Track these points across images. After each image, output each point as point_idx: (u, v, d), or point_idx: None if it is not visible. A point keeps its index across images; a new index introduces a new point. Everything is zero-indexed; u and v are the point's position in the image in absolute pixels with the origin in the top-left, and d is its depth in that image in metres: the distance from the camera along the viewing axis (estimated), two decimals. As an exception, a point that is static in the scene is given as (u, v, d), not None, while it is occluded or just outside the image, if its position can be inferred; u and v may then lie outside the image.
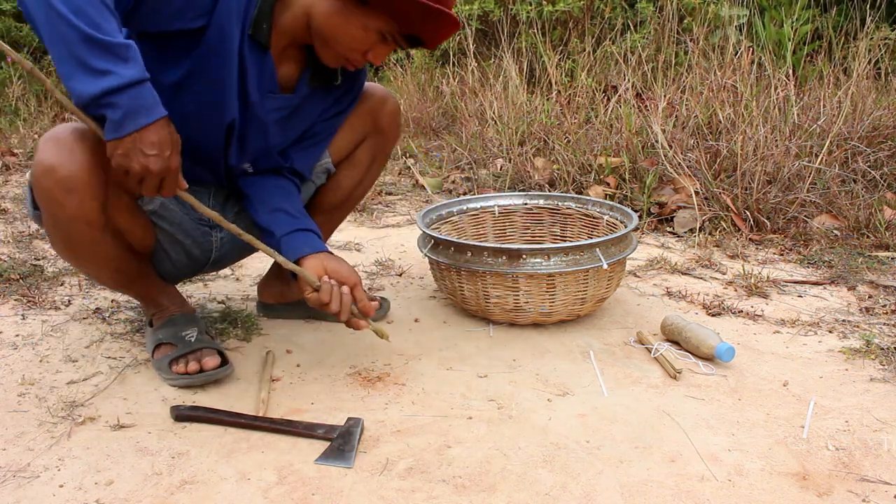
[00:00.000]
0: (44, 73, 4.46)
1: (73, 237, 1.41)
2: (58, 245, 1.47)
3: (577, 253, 1.71)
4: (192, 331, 1.57)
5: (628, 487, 1.19)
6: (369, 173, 1.76)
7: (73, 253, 1.47)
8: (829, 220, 2.48)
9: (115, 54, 1.17)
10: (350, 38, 1.39)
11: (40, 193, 1.34)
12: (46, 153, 1.31)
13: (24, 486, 1.19)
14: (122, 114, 1.19)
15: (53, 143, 1.32)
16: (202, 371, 1.50)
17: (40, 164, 1.32)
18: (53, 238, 1.45)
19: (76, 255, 1.48)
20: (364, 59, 1.43)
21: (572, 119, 3.28)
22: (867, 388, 1.50)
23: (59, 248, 1.48)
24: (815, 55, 3.59)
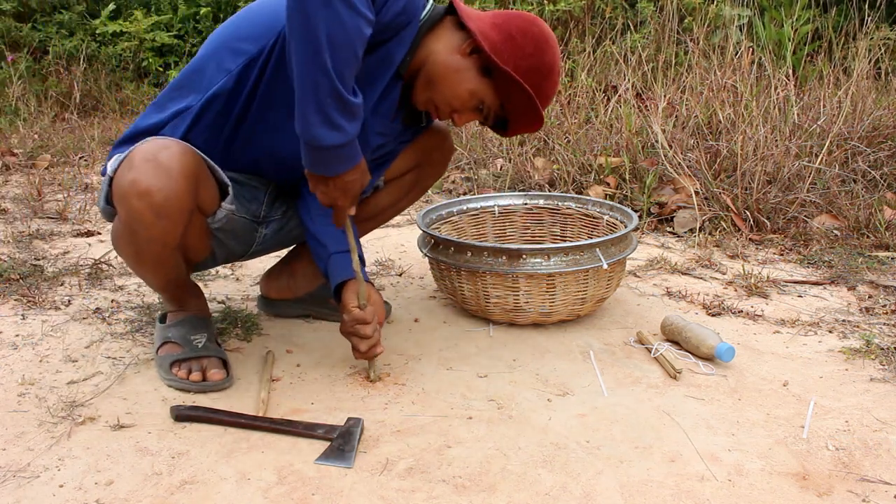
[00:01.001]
0: (44, 72, 4.41)
1: (145, 252, 1.44)
2: (124, 250, 1.49)
3: (577, 253, 1.71)
4: (202, 336, 1.56)
5: (628, 487, 1.19)
6: (407, 197, 1.83)
7: (137, 261, 1.50)
8: (829, 220, 2.48)
9: (351, 113, 1.28)
10: (454, 95, 1.46)
11: (128, 211, 1.34)
12: (144, 173, 1.31)
13: (24, 486, 1.19)
14: (337, 158, 1.31)
15: (154, 164, 1.31)
16: (205, 381, 1.49)
17: (136, 184, 1.31)
18: (123, 243, 1.47)
19: (139, 264, 1.51)
20: (450, 116, 1.50)
21: (572, 119, 3.28)
22: (867, 388, 1.50)
23: (125, 253, 1.50)
24: (815, 55, 3.59)
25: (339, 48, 1.22)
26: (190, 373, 1.50)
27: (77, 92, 4.65)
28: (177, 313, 1.61)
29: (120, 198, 1.35)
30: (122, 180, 1.33)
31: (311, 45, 1.20)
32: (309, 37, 1.20)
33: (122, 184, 1.33)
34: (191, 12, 5.44)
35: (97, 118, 4.56)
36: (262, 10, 1.47)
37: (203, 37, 5.42)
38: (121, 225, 1.42)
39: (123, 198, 1.34)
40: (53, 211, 2.74)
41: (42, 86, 4.75)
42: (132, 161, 1.33)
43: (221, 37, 1.50)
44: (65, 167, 3.49)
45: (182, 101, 1.49)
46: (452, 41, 1.46)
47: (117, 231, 1.47)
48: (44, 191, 3.00)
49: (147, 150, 1.33)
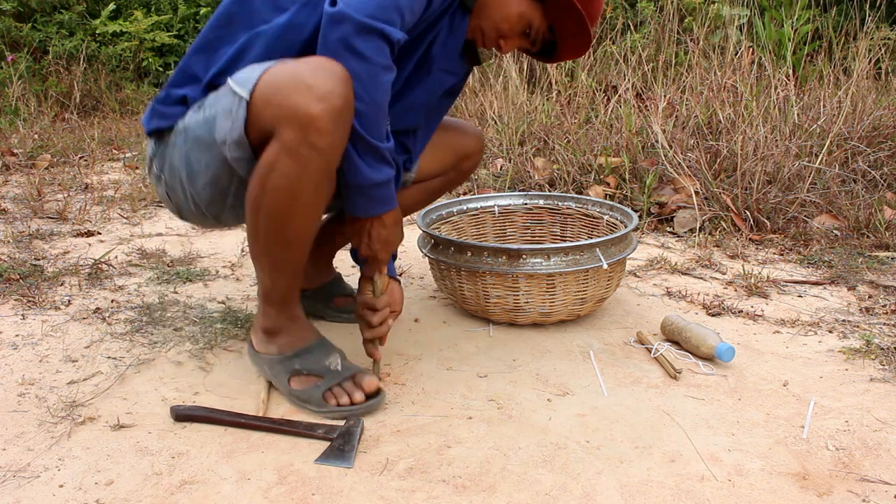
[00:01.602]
0: (44, 72, 4.42)
1: (308, 183, 1.29)
2: (276, 191, 1.29)
3: (577, 253, 1.71)
4: (336, 358, 1.45)
5: (628, 487, 1.19)
6: (429, 199, 1.85)
7: (292, 204, 1.31)
8: (829, 220, 2.48)
9: (383, 158, 1.35)
10: (503, 17, 1.47)
11: (301, 121, 1.22)
12: (321, 78, 1.22)
13: (24, 486, 1.19)
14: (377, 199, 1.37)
15: (327, 70, 1.23)
16: (369, 399, 1.41)
17: (314, 89, 1.21)
18: (277, 177, 1.27)
19: (294, 208, 1.32)
20: (497, 42, 1.50)
21: (572, 119, 3.28)
22: (867, 388, 1.50)
23: (277, 195, 1.29)
24: (815, 55, 3.59)
25: (364, 116, 1.30)
26: (349, 397, 1.40)
27: (77, 92, 4.65)
28: (292, 341, 1.46)
29: (287, 111, 1.22)
30: (291, 92, 1.22)
31: None
32: None
33: (293, 95, 1.22)
34: (191, 12, 5.44)
35: (97, 118, 4.56)
36: None
37: (203, 37, 5.42)
38: (278, 149, 1.25)
39: (294, 108, 1.21)
40: (53, 211, 2.74)
41: (42, 86, 4.75)
42: (297, 71, 1.23)
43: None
44: (65, 167, 3.49)
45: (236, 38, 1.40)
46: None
47: (265, 166, 1.28)
48: (44, 191, 3.00)
49: (310, 60, 1.25)
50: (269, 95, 1.24)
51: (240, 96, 1.27)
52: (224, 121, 1.30)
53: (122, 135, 4.21)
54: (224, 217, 1.48)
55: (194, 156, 1.37)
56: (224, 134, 1.30)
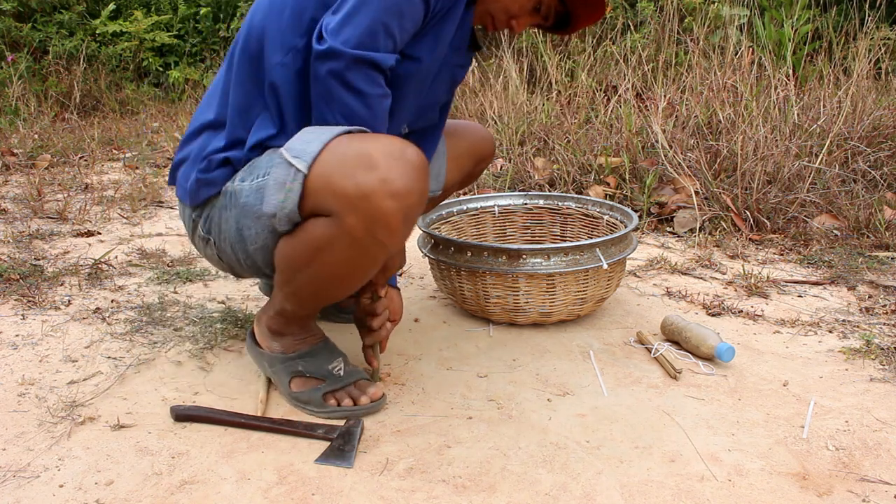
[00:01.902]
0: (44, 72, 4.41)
1: (361, 266, 1.28)
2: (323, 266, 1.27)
3: (577, 253, 1.71)
4: (339, 362, 1.44)
5: (628, 487, 1.19)
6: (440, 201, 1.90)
7: (337, 278, 1.31)
8: (829, 220, 2.48)
9: None
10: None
11: (369, 215, 1.17)
12: (397, 172, 1.17)
13: (24, 486, 1.19)
14: None
15: (404, 162, 1.18)
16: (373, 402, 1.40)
17: (388, 183, 1.16)
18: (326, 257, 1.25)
19: (337, 281, 1.32)
20: (508, 24, 1.46)
21: (572, 119, 3.28)
22: (867, 388, 1.50)
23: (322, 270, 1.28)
24: (815, 55, 3.59)
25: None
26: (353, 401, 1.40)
27: (77, 92, 4.65)
28: (297, 342, 1.45)
29: (355, 199, 1.17)
30: (360, 179, 1.16)
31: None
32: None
33: (363, 183, 1.16)
34: (191, 12, 5.44)
35: (97, 118, 4.56)
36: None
37: (203, 37, 5.42)
38: (336, 232, 1.21)
39: (364, 199, 1.16)
40: (53, 211, 2.74)
41: (42, 86, 4.75)
42: (372, 158, 1.17)
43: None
44: (65, 167, 3.49)
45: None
46: None
47: (318, 242, 1.24)
48: (44, 191, 3.00)
49: (388, 146, 1.19)
50: (331, 175, 1.19)
51: (296, 169, 1.21)
52: (275, 193, 1.24)
53: (122, 135, 4.21)
54: (268, 270, 1.43)
55: (244, 223, 1.32)
56: (274, 207, 1.24)
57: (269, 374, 1.49)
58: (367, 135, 1.25)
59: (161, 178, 3.27)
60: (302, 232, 1.26)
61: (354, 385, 1.43)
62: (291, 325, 1.45)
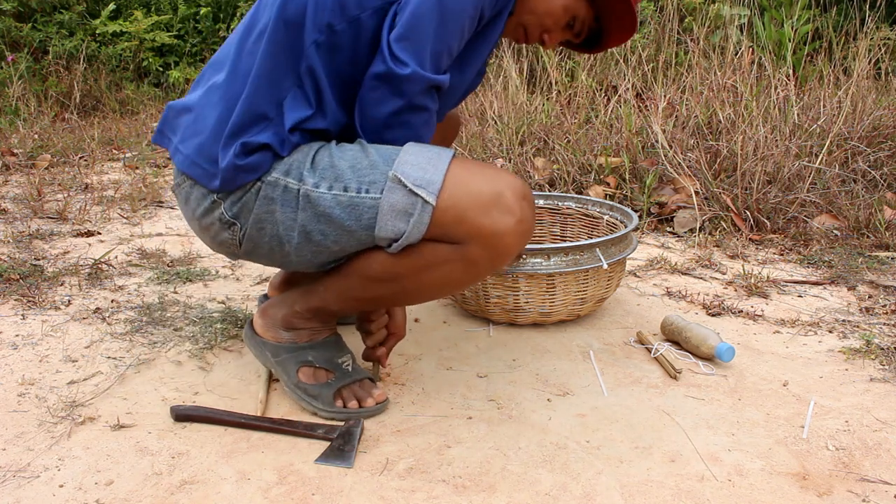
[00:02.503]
0: (44, 72, 4.40)
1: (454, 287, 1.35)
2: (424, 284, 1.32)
3: (577, 253, 1.71)
4: (347, 357, 1.45)
5: (628, 487, 1.19)
6: None
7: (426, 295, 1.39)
8: (829, 220, 2.48)
9: None
10: (547, 11, 1.43)
11: (497, 251, 1.26)
12: (528, 214, 1.27)
13: (24, 486, 1.19)
14: None
15: (529, 203, 1.27)
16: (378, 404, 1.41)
17: (523, 223, 1.26)
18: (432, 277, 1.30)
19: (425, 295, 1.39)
20: (540, 38, 1.47)
21: (572, 119, 3.28)
22: (867, 388, 1.50)
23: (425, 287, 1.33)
24: (815, 55, 3.59)
25: None
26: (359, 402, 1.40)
27: (77, 92, 4.65)
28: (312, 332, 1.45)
29: (489, 236, 1.24)
30: (497, 219, 1.23)
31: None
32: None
33: (500, 223, 1.23)
34: (191, 12, 5.44)
35: (97, 118, 4.56)
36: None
37: (203, 37, 5.43)
38: (457, 257, 1.27)
39: (499, 237, 1.24)
40: (53, 211, 2.74)
41: (42, 86, 4.75)
42: (506, 198, 1.24)
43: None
44: (65, 167, 3.49)
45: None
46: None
47: (431, 262, 1.28)
48: (44, 191, 3.00)
49: (518, 187, 1.26)
50: (465, 210, 1.23)
51: (423, 200, 1.23)
52: (395, 221, 1.24)
53: (122, 135, 4.21)
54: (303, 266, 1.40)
55: (318, 227, 1.29)
56: (394, 234, 1.25)
57: (271, 366, 1.45)
58: (485, 167, 1.31)
59: (161, 179, 3.27)
60: (415, 251, 1.28)
61: (360, 384, 1.42)
62: (314, 321, 1.44)
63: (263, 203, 1.30)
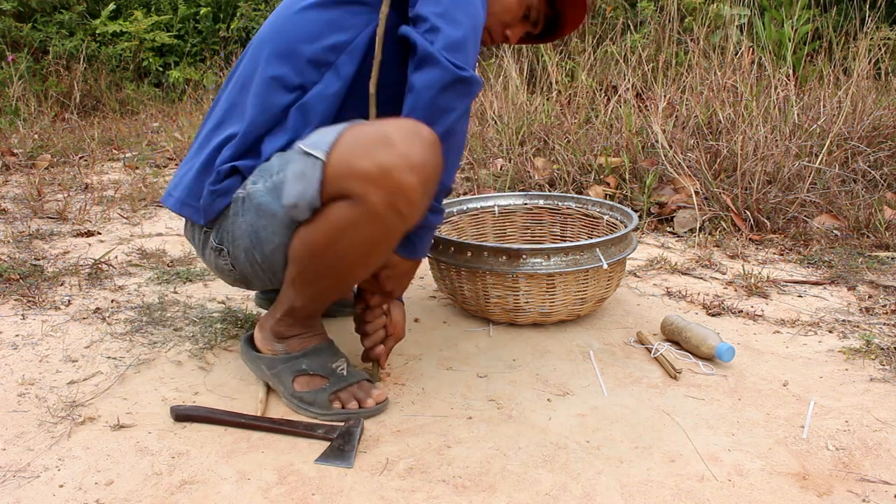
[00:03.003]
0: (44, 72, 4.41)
1: (382, 244, 1.30)
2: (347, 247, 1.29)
3: (577, 253, 1.71)
4: (342, 361, 1.45)
5: (628, 487, 1.19)
6: None
7: (359, 259, 1.32)
8: (829, 220, 2.48)
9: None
10: (504, 8, 1.50)
11: (391, 190, 1.21)
12: (414, 147, 1.21)
13: (24, 486, 1.19)
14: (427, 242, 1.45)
15: (420, 139, 1.22)
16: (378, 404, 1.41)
17: (408, 158, 1.20)
18: (348, 238, 1.27)
19: (360, 261, 1.32)
20: (503, 36, 1.54)
21: (572, 119, 3.28)
22: (867, 388, 1.50)
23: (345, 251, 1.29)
24: (815, 55, 3.59)
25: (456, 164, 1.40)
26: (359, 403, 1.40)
27: (77, 92, 4.65)
28: (302, 340, 1.45)
29: (376, 176, 1.20)
30: (381, 157, 1.20)
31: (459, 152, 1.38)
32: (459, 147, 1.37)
33: (383, 160, 1.19)
34: (191, 12, 5.45)
35: (97, 118, 4.56)
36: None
37: (203, 37, 5.42)
38: (358, 212, 1.24)
39: (385, 175, 1.19)
40: (53, 211, 2.74)
41: (42, 86, 4.75)
42: (389, 136, 1.21)
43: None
44: (65, 167, 3.49)
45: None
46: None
47: (339, 223, 1.26)
48: (44, 191, 3.00)
49: (402, 125, 1.24)
50: (350, 157, 1.22)
51: (314, 157, 1.23)
52: (295, 184, 1.26)
53: (122, 135, 4.21)
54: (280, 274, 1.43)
55: (259, 224, 1.34)
56: (295, 198, 1.26)
57: (267, 379, 1.46)
58: (379, 119, 1.31)
59: (161, 179, 3.27)
60: (322, 217, 1.27)
61: (358, 386, 1.43)
62: (297, 326, 1.45)
63: (232, 220, 1.38)
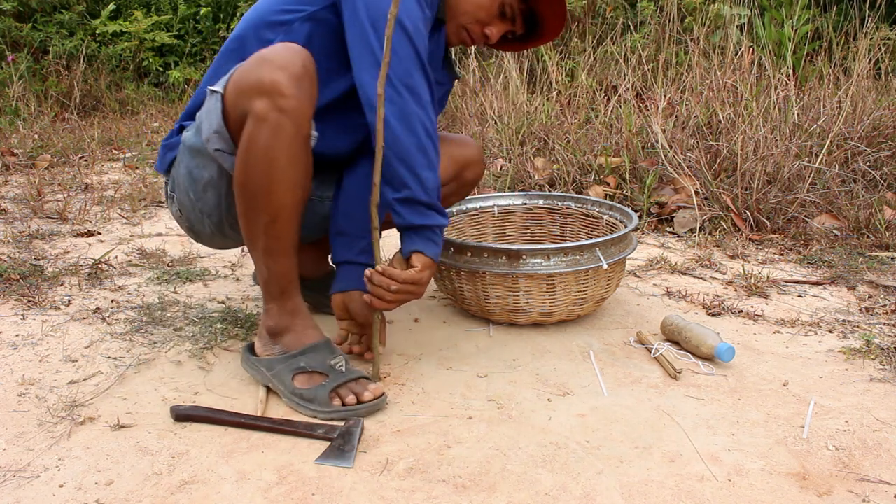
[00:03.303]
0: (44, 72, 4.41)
1: (282, 150, 1.34)
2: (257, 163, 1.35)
3: (577, 253, 1.71)
4: (341, 358, 1.46)
5: (628, 487, 1.19)
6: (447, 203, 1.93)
7: (271, 173, 1.36)
8: (829, 220, 2.48)
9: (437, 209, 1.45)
10: (476, 5, 1.51)
11: (264, 88, 1.31)
12: (278, 53, 1.34)
13: (24, 486, 1.19)
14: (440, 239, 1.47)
15: (284, 47, 1.35)
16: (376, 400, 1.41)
17: (273, 60, 1.33)
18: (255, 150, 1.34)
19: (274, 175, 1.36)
20: (482, 35, 1.54)
21: (572, 119, 3.28)
22: (867, 388, 1.50)
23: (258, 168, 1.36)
24: (815, 55, 3.59)
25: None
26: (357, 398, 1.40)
27: (77, 92, 4.65)
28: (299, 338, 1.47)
29: (249, 89, 1.33)
30: (256, 71, 1.33)
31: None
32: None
33: (258, 73, 1.32)
34: (191, 12, 5.44)
35: (97, 118, 4.56)
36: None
37: (203, 37, 5.43)
38: (254, 123, 1.33)
39: (259, 82, 1.32)
40: (53, 211, 2.74)
41: (42, 86, 4.75)
42: (259, 55, 1.35)
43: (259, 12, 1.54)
44: (65, 167, 3.49)
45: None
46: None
47: (245, 142, 1.35)
48: (44, 191, 3.00)
49: (277, 45, 1.37)
50: (238, 82, 1.36)
51: (217, 93, 1.39)
52: (207, 120, 1.41)
53: (122, 135, 4.21)
54: (226, 229, 1.56)
55: (193, 163, 1.49)
56: (207, 131, 1.41)
57: (268, 382, 1.46)
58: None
59: (161, 179, 3.27)
60: (238, 152, 1.39)
61: (356, 382, 1.43)
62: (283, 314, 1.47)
63: (176, 168, 1.54)
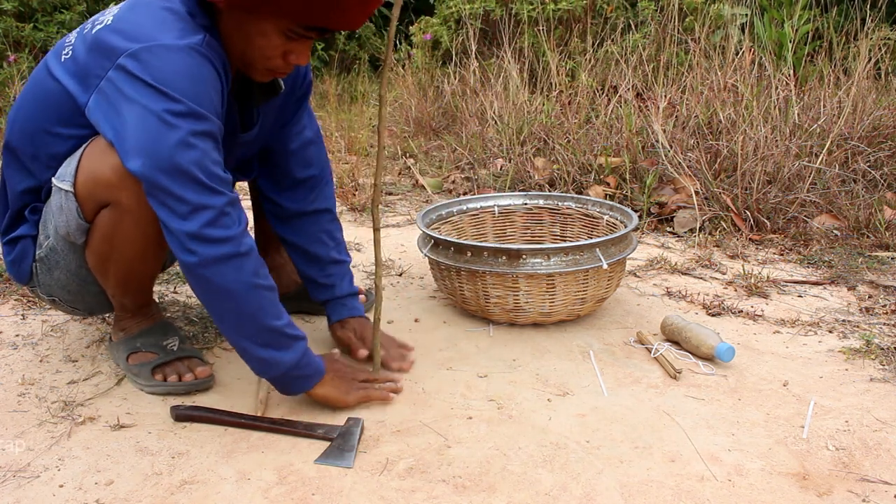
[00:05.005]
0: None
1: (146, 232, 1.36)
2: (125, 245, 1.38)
3: (577, 253, 1.71)
4: (174, 339, 1.55)
5: (628, 487, 1.19)
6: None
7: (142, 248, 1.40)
8: (829, 220, 2.48)
9: (290, 336, 1.34)
10: (257, 48, 1.33)
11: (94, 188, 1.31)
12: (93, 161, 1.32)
13: (24, 486, 1.19)
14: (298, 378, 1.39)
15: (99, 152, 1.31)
16: (196, 379, 1.49)
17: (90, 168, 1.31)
18: (122, 236, 1.37)
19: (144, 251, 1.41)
20: (286, 63, 1.36)
21: (573, 119, 3.28)
22: (867, 388, 1.50)
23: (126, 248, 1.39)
24: (815, 55, 3.59)
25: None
26: (179, 377, 1.49)
27: (77, 92, 4.64)
28: (138, 323, 1.57)
29: (114, 180, 1.29)
30: (104, 164, 1.30)
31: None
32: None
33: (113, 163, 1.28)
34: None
35: (97, 118, 4.56)
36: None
37: (203, 37, 5.43)
38: (115, 215, 1.34)
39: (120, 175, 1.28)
40: (54, 211, 2.74)
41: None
42: (99, 146, 1.31)
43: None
44: (65, 167, 3.49)
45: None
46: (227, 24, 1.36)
47: (105, 229, 1.37)
48: (44, 191, 3.00)
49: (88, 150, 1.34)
50: (91, 175, 1.32)
51: (65, 191, 1.35)
52: (59, 217, 1.37)
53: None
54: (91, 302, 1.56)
55: (54, 262, 1.46)
56: (64, 228, 1.38)
57: (118, 361, 1.57)
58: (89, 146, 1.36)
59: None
60: (93, 230, 1.38)
61: (183, 361, 1.52)
62: (134, 317, 1.57)
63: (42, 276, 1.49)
